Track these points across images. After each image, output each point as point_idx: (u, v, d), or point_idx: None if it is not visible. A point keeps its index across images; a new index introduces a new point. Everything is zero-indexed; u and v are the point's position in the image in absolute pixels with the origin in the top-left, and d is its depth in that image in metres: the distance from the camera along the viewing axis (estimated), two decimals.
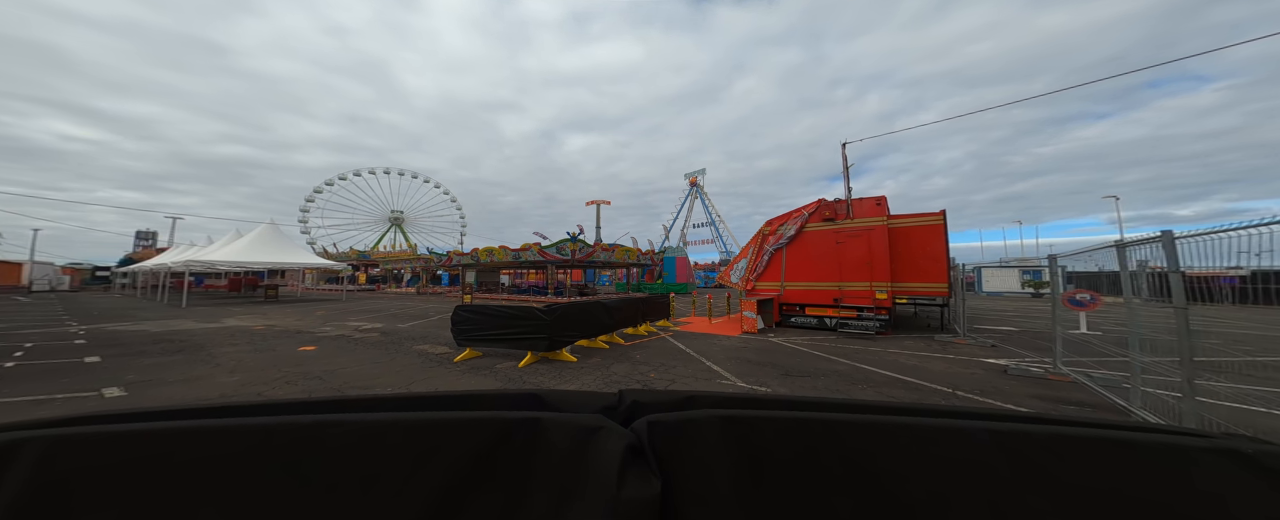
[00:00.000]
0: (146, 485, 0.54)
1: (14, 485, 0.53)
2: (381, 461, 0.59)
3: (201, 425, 0.59)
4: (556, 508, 0.59)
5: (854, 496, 0.60)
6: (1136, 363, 3.99)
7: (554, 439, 0.63)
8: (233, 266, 16.21)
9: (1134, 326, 4.10)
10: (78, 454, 0.56)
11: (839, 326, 10.43)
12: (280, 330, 9.96)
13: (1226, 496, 0.55)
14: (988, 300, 23.98)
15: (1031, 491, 0.57)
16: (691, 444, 0.63)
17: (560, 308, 6.55)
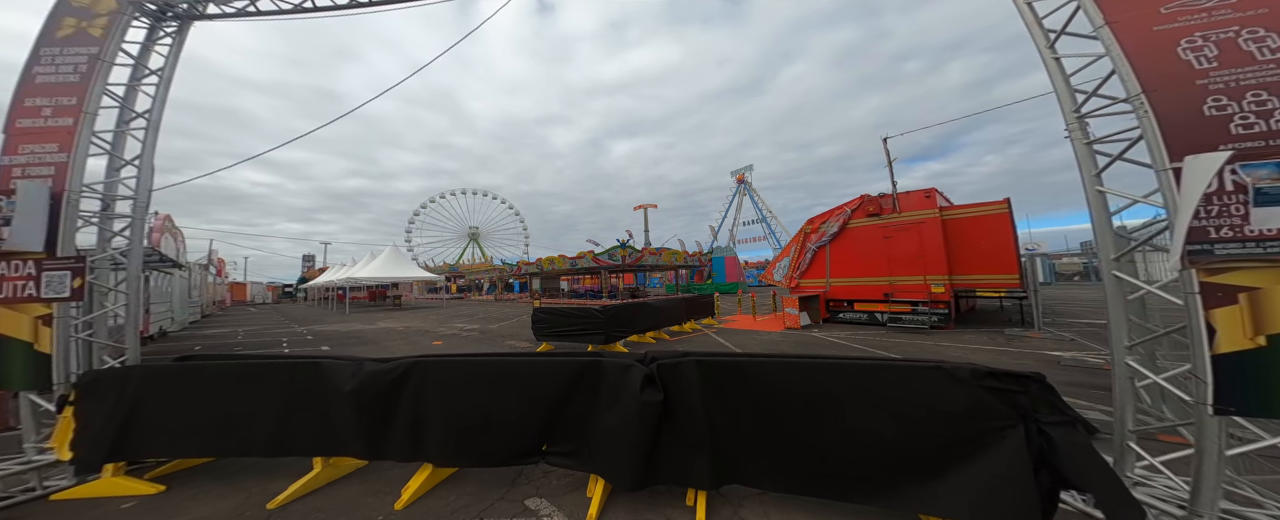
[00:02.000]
0: (462, 382, 2.13)
1: (414, 383, 2.09)
2: (543, 376, 2.11)
3: (473, 358, 2.04)
4: (611, 402, 2.06)
5: (755, 394, 1.89)
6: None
7: (609, 371, 2.14)
8: (371, 281, 20.86)
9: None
10: (433, 370, 2.12)
11: (890, 321, 10.28)
12: (415, 330, 12.93)
13: (934, 388, 1.82)
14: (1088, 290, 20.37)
15: (842, 388, 1.77)
16: (678, 374, 2.03)
17: (613, 308, 7.85)
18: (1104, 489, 1.70)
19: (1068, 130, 2.30)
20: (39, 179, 2.84)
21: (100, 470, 2.66)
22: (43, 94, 3.09)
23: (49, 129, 2.99)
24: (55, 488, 2.68)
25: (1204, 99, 1.84)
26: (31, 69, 3.14)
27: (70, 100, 3.07)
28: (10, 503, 2.54)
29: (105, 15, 3.36)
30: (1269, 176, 1.64)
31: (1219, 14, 1.93)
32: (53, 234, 2.78)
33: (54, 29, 3.28)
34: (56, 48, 3.22)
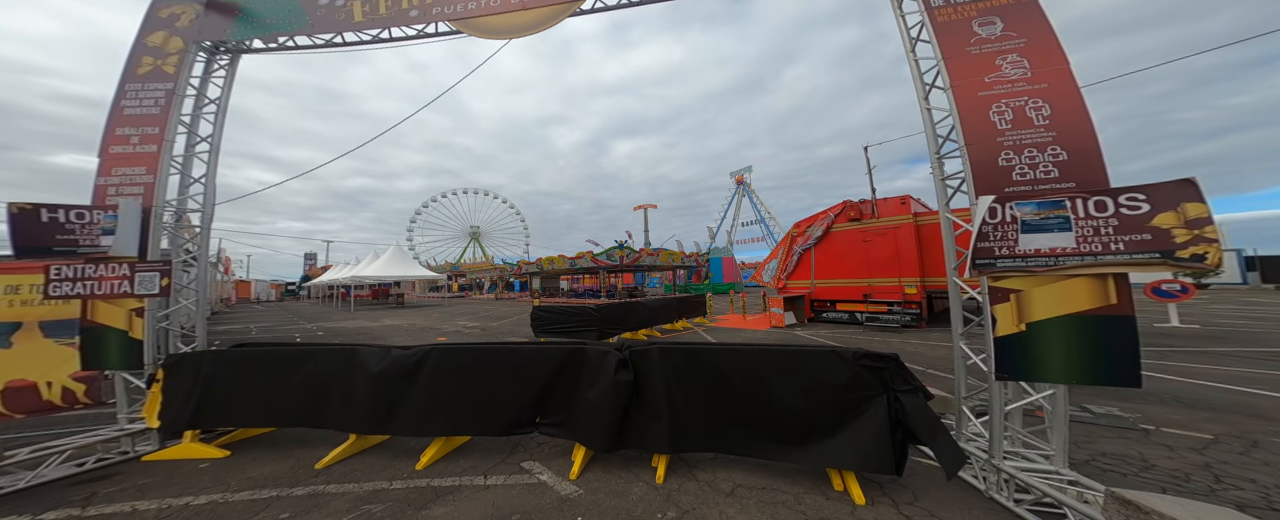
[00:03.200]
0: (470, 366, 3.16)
1: (431, 365, 3.13)
2: (530, 363, 3.14)
3: (479, 345, 3.08)
4: (591, 382, 3.00)
5: (705, 375, 2.93)
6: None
7: (590, 356, 3.06)
8: (375, 280, 21.65)
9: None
10: (446, 355, 3.19)
11: (867, 321, 10.88)
12: (419, 327, 13.62)
13: (829, 366, 2.70)
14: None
15: (768, 369, 2.82)
16: (646, 359, 2.97)
17: (607, 307, 8.54)
18: (938, 442, 2.36)
19: (931, 167, 2.98)
20: (131, 196, 3.57)
21: (181, 436, 3.38)
22: (130, 124, 3.82)
23: (137, 154, 3.72)
24: (143, 451, 3.40)
25: (999, 152, 2.52)
26: (119, 102, 3.87)
27: (153, 130, 3.81)
28: (109, 462, 3.25)
29: (175, 54, 4.10)
30: (1032, 212, 2.30)
31: (1018, 86, 2.61)
32: (144, 242, 3.50)
33: (135, 67, 4.01)
34: (138, 83, 3.95)
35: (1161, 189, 2.07)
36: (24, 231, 3.00)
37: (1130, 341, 2.08)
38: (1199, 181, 1.97)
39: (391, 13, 4.45)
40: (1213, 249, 1.87)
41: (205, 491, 2.79)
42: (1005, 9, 2.83)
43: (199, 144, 4.17)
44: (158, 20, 4.23)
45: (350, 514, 2.51)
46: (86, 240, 3.19)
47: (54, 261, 3.03)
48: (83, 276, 3.13)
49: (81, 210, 3.26)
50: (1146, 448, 3.24)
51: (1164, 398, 4.47)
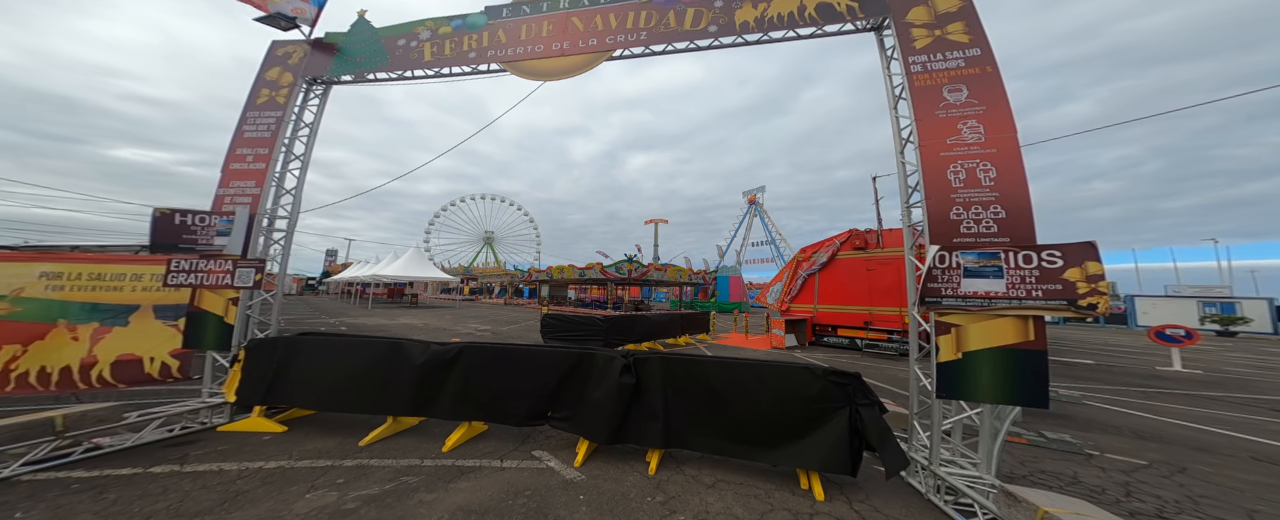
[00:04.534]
0: (496, 362, 3.64)
1: (463, 360, 3.74)
2: (547, 363, 3.75)
3: (505, 345, 3.74)
4: (598, 383, 3.57)
5: (698, 382, 3.44)
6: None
7: (598, 360, 3.64)
8: (394, 279, 22.67)
9: None
10: (476, 352, 3.64)
11: (866, 347, 11.12)
12: (433, 327, 14.31)
13: (802, 380, 3.19)
14: (1131, 336, 19.28)
15: (752, 379, 3.33)
16: (647, 365, 3.55)
17: (613, 318, 9.07)
18: (886, 448, 2.80)
19: (901, 215, 3.50)
20: (242, 205, 4.34)
21: (251, 411, 3.97)
22: (248, 145, 4.67)
23: (250, 170, 4.54)
24: (217, 423, 4.00)
25: (951, 208, 3.04)
26: (241, 127, 4.75)
27: (264, 150, 4.64)
28: (192, 430, 3.85)
29: (286, 87, 4.97)
30: (974, 260, 2.80)
31: (973, 149, 3.14)
32: (247, 243, 4.23)
33: (255, 98, 4.90)
34: (256, 111, 4.83)
35: (1072, 248, 2.56)
36: (161, 230, 3.77)
37: (1041, 371, 2.53)
38: (1097, 244, 2.46)
39: (454, 54, 5.23)
40: (1102, 300, 2.34)
41: (273, 459, 3.34)
42: (972, 78, 3.32)
43: (292, 162, 4.98)
44: (275, 58, 5.15)
45: (391, 483, 3.02)
46: (203, 240, 3.95)
47: (175, 256, 3.77)
48: (195, 269, 3.85)
49: (203, 214, 4.04)
50: (1083, 469, 3.59)
51: (1123, 430, 4.76)
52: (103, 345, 3.76)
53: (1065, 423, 5.00)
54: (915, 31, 3.51)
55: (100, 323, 3.78)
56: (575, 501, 2.79)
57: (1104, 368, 9.80)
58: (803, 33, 4.15)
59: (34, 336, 3.58)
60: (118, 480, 2.92)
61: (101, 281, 3.81)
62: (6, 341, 3.52)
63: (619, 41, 4.77)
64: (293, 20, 4.99)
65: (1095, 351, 12.87)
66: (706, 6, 4.44)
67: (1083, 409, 5.71)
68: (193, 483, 2.91)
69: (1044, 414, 5.39)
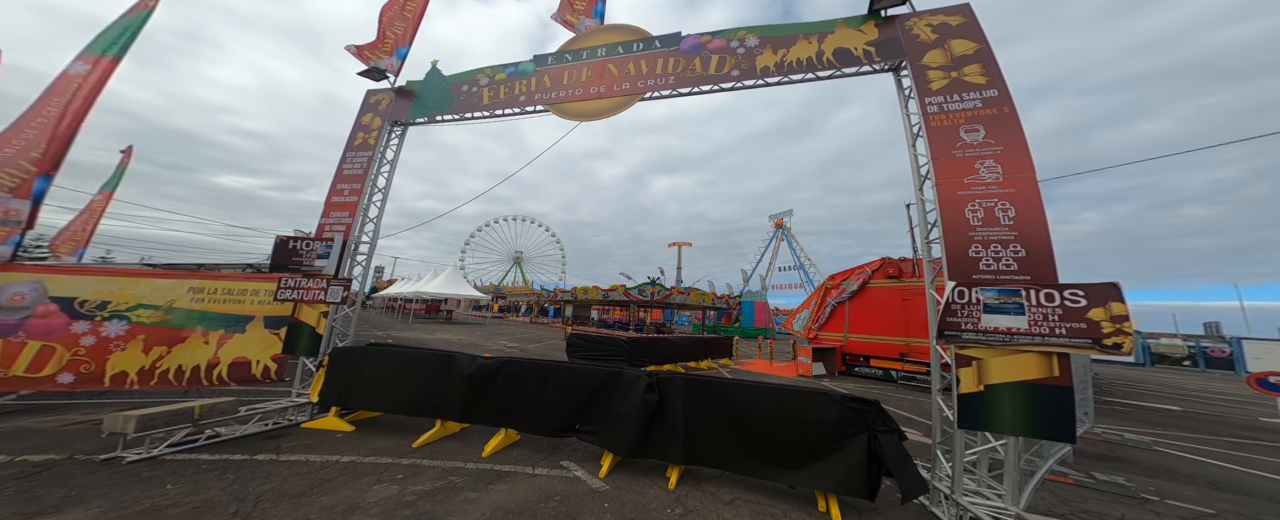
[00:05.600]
0: (533, 376, 4.03)
1: (505, 373, 4.27)
2: (578, 379, 4.15)
3: (541, 361, 4.30)
4: (623, 399, 3.88)
5: (719, 403, 3.67)
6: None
7: (625, 378, 3.97)
8: (433, 296, 24.37)
9: None
10: (517, 366, 4.34)
11: (901, 379, 10.59)
12: (467, 343, 15.16)
13: (821, 405, 3.38)
14: (1236, 384, 15.74)
15: (769, 403, 3.53)
16: (670, 385, 3.83)
17: (637, 340, 9.34)
18: (903, 473, 2.85)
19: (920, 251, 3.64)
20: (337, 233, 5.21)
21: (328, 411, 4.58)
22: (345, 181, 5.62)
23: (346, 203, 5.46)
24: (299, 420, 4.62)
25: (970, 245, 3.16)
26: (341, 166, 5.75)
27: (357, 185, 5.57)
28: (281, 426, 4.48)
29: (376, 130, 5.98)
30: (994, 297, 2.90)
31: (991, 189, 3.27)
32: (339, 264, 5.03)
33: (352, 140, 5.95)
34: (353, 152, 5.84)
35: (1096, 289, 2.62)
36: (278, 253, 4.67)
37: (1066, 406, 2.55)
38: (1120, 285, 2.52)
39: (507, 98, 6.00)
40: (1128, 340, 2.39)
41: (346, 454, 3.84)
42: (989, 119, 3.45)
43: (375, 194, 5.88)
44: (369, 105, 6.22)
45: (441, 481, 3.40)
46: (307, 261, 4.79)
47: (285, 275, 4.59)
48: (298, 286, 4.64)
49: (309, 240, 4.94)
50: (1135, 512, 3.37)
51: (1196, 479, 4.34)
52: (225, 349, 4.56)
53: (1126, 467, 4.62)
54: (931, 74, 3.75)
55: (226, 330, 4.60)
56: (601, 509, 3.02)
57: (1192, 415, 8.72)
58: (821, 74, 4.51)
59: (177, 340, 4.43)
60: (233, 464, 3.51)
61: (231, 296, 4.67)
62: (157, 343, 4.38)
63: (650, 85, 5.35)
64: (384, 72, 6.06)
65: (1187, 398, 11.42)
66: (729, 53, 4.92)
67: (1151, 455, 5.22)
68: (288, 470, 3.44)
69: (1100, 456, 4.99)
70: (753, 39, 4.81)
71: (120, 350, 4.26)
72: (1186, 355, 26.73)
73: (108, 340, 4.25)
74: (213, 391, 4.81)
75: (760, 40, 4.77)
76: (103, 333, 4.25)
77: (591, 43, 5.88)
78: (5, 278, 4.25)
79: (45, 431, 4.05)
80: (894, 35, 4.10)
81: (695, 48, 5.15)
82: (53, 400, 5.01)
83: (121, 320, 4.31)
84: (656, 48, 5.41)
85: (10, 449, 3.62)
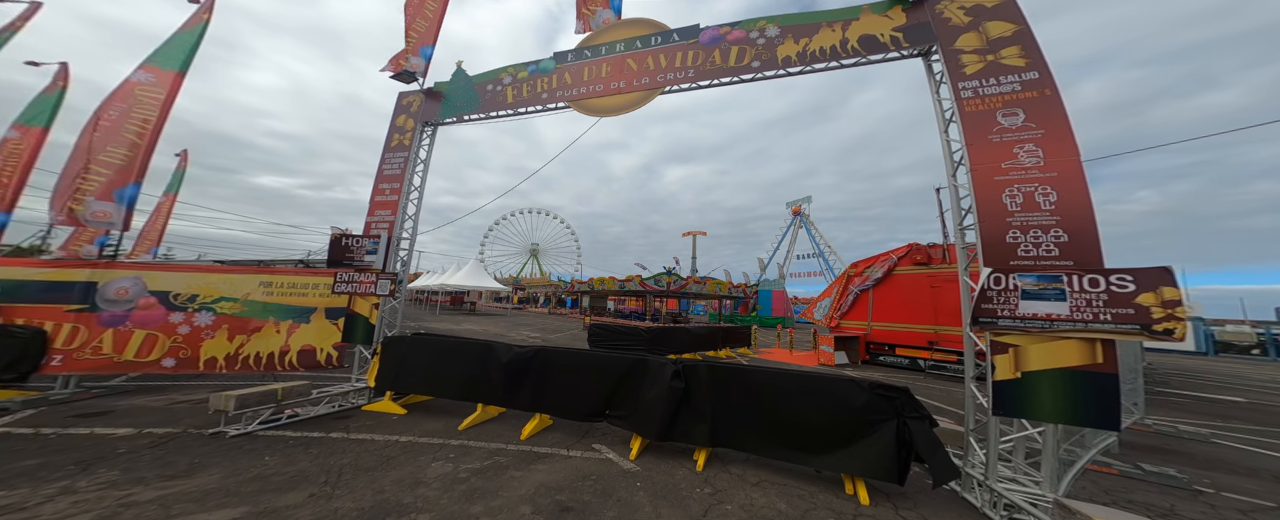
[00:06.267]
0: (564, 364, 4.52)
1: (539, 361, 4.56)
2: (607, 367, 4.31)
3: (572, 350, 4.54)
4: (651, 385, 4.02)
5: (744, 389, 3.78)
6: None
7: (651, 365, 4.12)
8: (456, 289, 25.46)
9: None
10: (549, 355, 4.50)
11: (930, 368, 10.35)
12: (492, 333, 15.82)
13: (847, 392, 3.42)
14: None
15: (795, 388, 3.61)
16: (695, 372, 3.97)
17: (656, 330, 9.52)
18: (935, 459, 2.89)
19: (954, 237, 3.58)
20: (382, 230, 5.61)
21: (383, 395, 5.02)
22: (386, 181, 6.02)
23: (388, 202, 5.85)
24: (359, 403, 5.08)
25: (1007, 231, 3.08)
26: (381, 168, 6.14)
27: (397, 185, 5.95)
28: (345, 408, 4.94)
29: (410, 130, 6.32)
30: (1033, 283, 2.84)
31: (1031, 173, 3.16)
32: (386, 259, 5.44)
33: (389, 142, 6.32)
34: (391, 153, 6.21)
35: (1145, 273, 2.53)
36: (333, 250, 5.15)
37: (1111, 393, 2.50)
38: (1173, 269, 2.43)
39: (530, 96, 6.16)
40: (1180, 325, 2.31)
41: (404, 434, 4.21)
42: (1029, 102, 3.30)
43: (412, 192, 6.23)
44: (402, 107, 6.55)
45: (488, 461, 3.69)
46: (357, 258, 5.21)
47: (340, 270, 5.05)
48: (352, 280, 5.08)
49: (358, 238, 5.39)
50: (1185, 503, 3.27)
51: (1259, 473, 4.15)
52: (293, 337, 5.07)
53: (1178, 459, 4.44)
54: (965, 58, 3.61)
55: (293, 320, 5.10)
56: (633, 487, 3.22)
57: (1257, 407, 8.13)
58: (846, 63, 4.40)
59: (254, 329, 4.97)
60: (313, 440, 3.95)
61: (294, 289, 5.16)
62: (238, 332, 4.94)
63: (669, 79, 5.36)
64: (414, 75, 6.35)
65: (1253, 389, 10.61)
66: (749, 44, 4.85)
67: (1207, 447, 4.97)
68: (359, 447, 3.84)
69: (1150, 448, 4.80)
70: (773, 29, 4.72)
71: (210, 338, 4.86)
72: (1255, 343, 24.16)
73: (199, 329, 4.84)
74: (285, 376, 5.35)
75: (781, 30, 4.68)
76: (195, 322, 4.85)
77: (610, 38, 5.91)
78: (108, 274, 4.89)
79: (158, 409, 4.67)
80: (923, 19, 3.95)
81: (714, 40, 5.10)
82: (157, 382, 5.70)
83: (209, 311, 4.90)
84: (675, 41, 5.39)
85: (137, 423, 4.21)
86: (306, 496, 2.85)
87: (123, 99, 5.58)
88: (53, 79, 7.83)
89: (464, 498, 2.91)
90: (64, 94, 7.75)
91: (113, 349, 4.73)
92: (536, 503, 2.88)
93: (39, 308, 4.72)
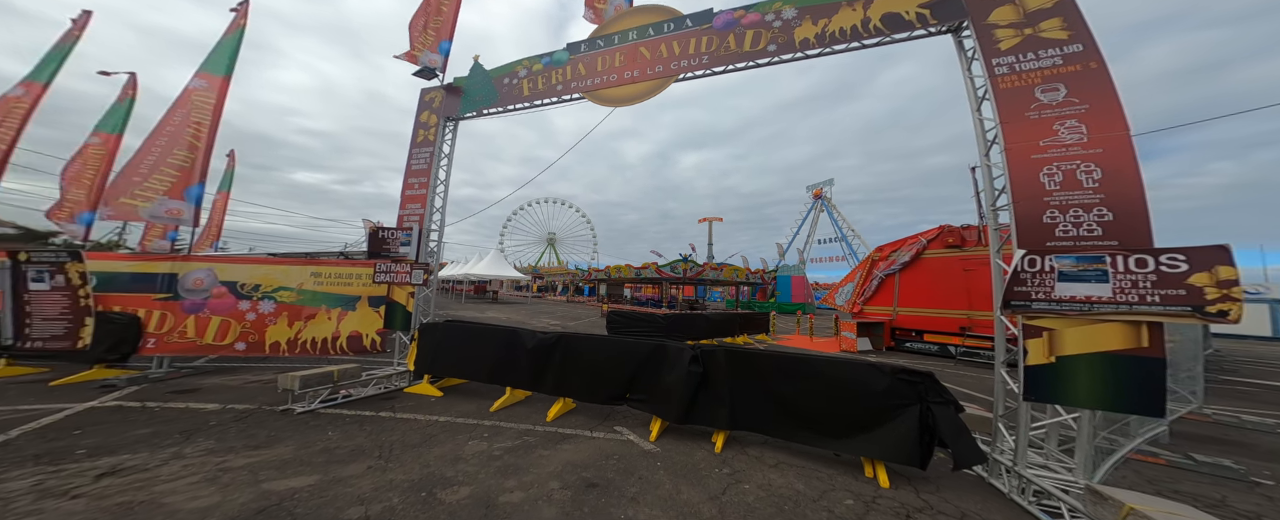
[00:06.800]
0: (586, 349, 4.59)
1: (561, 347, 4.80)
2: (627, 352, 4.46)
3: (593, 336, 4.70)
4: (670, 370, 4.12)
5: (762, 373, 3.83)
6: None
7: (670, 350, 4.21)
8: (479, 278, 26.52)
9: None
10: (571, 340, 4.64)
11: (961, 355, 9.98)
12: (514, 320, 16.35)
13: (868, 376, 3.41)
14: None
15: (813, 372, 3.64)
16: (713, 356, 4.07)
17: (673, 316, 9.64)
18: (959, 444, 2.87)
19: (986, 218, 3.42)
20: (413, 223, 5.93)
21: (421, 378, 5.41)
22: (414, 176, 6.30)
23: (417, 195, 6.15)
24: (401, 386, 5.50)
25: (1044, 211, 2.91)
26: (409, 163, 6.43)
27: (424, 179, 6.24)
28: (389, 390, 5.36)
29: (433, 126, 6.56)
30: (1071, 265, 2.70)
31: (1072, 150, 2.96)
32: (418, 250, 5.79)
33: (415, 137, 6.59)
34: (417, 148, 6.47)
35: (1200, 252, 2.36)
36: (372, 242, 5.56)
37: (1157, 378, 2.39)
38: (1231, 247, 2.26)
39: (546, 88, 6.20)
40: (1236, 307, 2.16)
41: (442, 415, 4.54)
42: (1071, 75, 3.06)
43: (438, 186, 6.51)
44: (424, 103, 6.76)
45: (518, 440, 3.93)
46: (394, 249, 5.61)
47: (379, 261, 5.45)
48: (390, 270, 5.47)
49: (392, 231, 5.77)
50: (1238, 494, 3.09)
51: None
52: (343, 324, 5.54)
53: (1237, 450, 4.16)
54: (999, 33, 3.36)
55: (342, 308, 5.57)
56: (654, 466, 3.37)
57: None
58: (868, 43, 4.18)
59: (309, 316, 5.48)
60: (366, 419, 4.35)
61: (340, 279, 5.61)
62: (296, 319, 5.46)
63: (683, 67, 5.26)
64: (434, 71, 6.53)
65: None
66: (765, 27, 4.68)
67: (1273, 438, 4.62)
68: (405, 426, 4.19)
69: (1207, 438, 4.52)
70: (790, 10, 4.53)
71: (273, 324, 5.41)
72: None
73: (263, 316, 5.41)
74: (337, 359, 5.87)
75: (798, 11, 4.48)
76: (259, 310, 5.41)
77: (622, 26, 5.84)
78: (185, 266, 5.52)
79: (235, 388, 5.27)
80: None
81: (728, 24, 4.95)
82: (230, 364, 6.40)
83: (270, 300, 5.45)
84: (688, 27, 5.27)
85: (221, 400, 4.80)
86: (365, 468, 3.17)
87: (183, 105, 6.11)
88: (122, 89, 8.61)
89: (499, 473, 3.15)
90: (133, 103, 8.49)
91: (195, 333, 5.37)
92: (564, 479, 3.08)
93: (130, 296, 5.42)
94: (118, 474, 2.96)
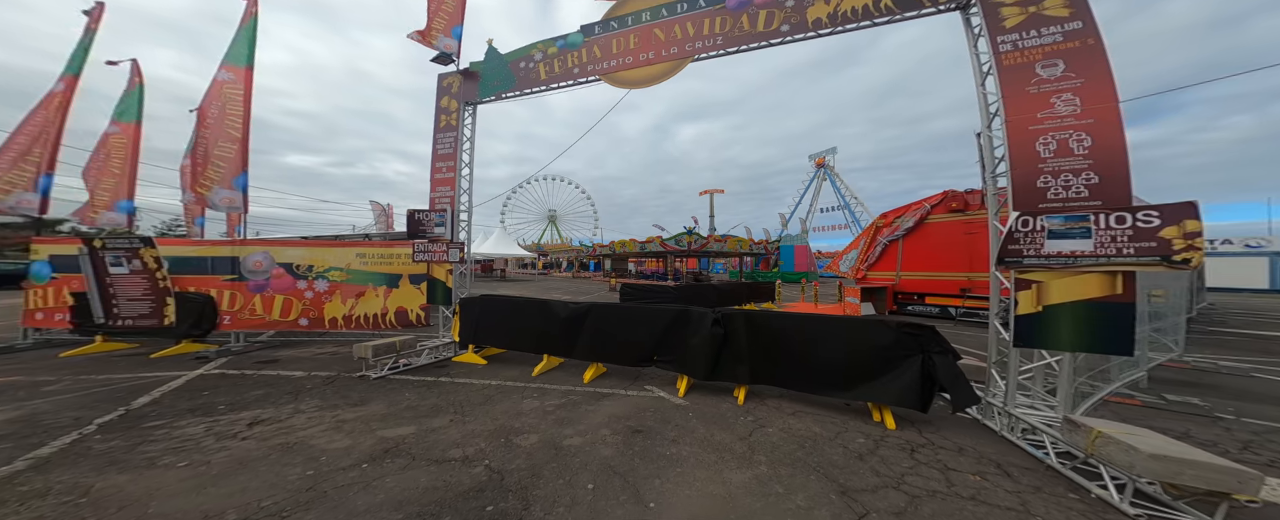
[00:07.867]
0: (615, 318, 5.30)
1: (592, 316, 5.22)
2: (653, 318, 4.90)
3: (621, 305, 5.39)
4: (693, 333, 4.57)
5: (777, 333, 4.28)
6: None
7: (693, 315, 4.64)
8: (485, 257, 27.09)
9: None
10: (600, 309, 5.18)
11: (961, 316, 10.47)
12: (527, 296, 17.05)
13: (875, 331, 3.83)
14: None
15: (824, 330, 4.11)
16: (732, 319, 4.51)
17: (683, 287, 10.11)
18: (956, 388, 3.34)
19: (986, 185, 3.72)
20: (445, 205, 6.28)
21: (466, 348, 5.97)
22: (441, 160, 6.56)
23: (446, 179, 6.45)
24: (449, 355, 6.06)
25: (1038, 176, 3.21)
26: (435, 147, 6.67)
27: (451, 163, 6.51)
28: (440, 359, 5.90)
29: (454, 111, 6.74)
30: (1060, 224, 3.04)
31: (1066, 121, 3.20)
32: (452, 230, 6.18)
33: (438, 123, 6.78)
34: (441, 133, 6.69)
35: (1171, 208, 2.69)
36: (410, 224, 6.04)
37: (1127, 321, 2.80)
38: (1198, 203, 2.59)
39: (562, 71, 6.28)
40: (1197, 255, 2.53)
41: (492, 380, 5.05)
42: (1069, 52, 3.23)
43: (463, 169, 6.76)
44: (443, 89, 6.88)
45: (564, 399, 4.43)
46: (429, 230, 6.05)
47: (417, 241, 5.90)
48: (427, 250, 5.94)
49: (427, 212, 6.16)
50: (1201, 428, 3.58)
51: None
52: (390, 299, 6.11)
53: (1208, 391, 4.66)
54: (1005, 10, 3.49)
55: (387, 286, 6.09)
56: (687, 416, 3.85)
57: None
58: (879, 21, 4.28)
59: (359, 294, 6.04)
60: (429, 384, 4.89)
61: (383, 259, 6.12)
62: (348, 296, 6.02)
63: (697, 48, 5.35)
64: (450, 56, 6.62)
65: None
66: (778, 7, 4.75)
67: (1244, 381, 5.12)
68: (464, 390, 4.72)
69: (1183, 382, 5.00)
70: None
71: (329, 301, 6.00)
72: None
73: (320, 294, 5.99)
74: (388, 332, 6.46)
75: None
76: (315, 288, 5.97)
77: (636, 6, 5.85)
78: (243, 250, 6.05)
79: (308, 358, 5.88)
80: None
81: (742, 4, 5.00)
82: (293, 338, 6.92)
83: (324, 279, 5.98)
84: (702, 7, 5.31)
85: (302, 368, 5.40)
86: (448, 421, 3.71)
87: (216, 98, 6.36)
88: (129, 77, 8.59)
89: (557, 424, 3.66)
90: (143, 89, 8.51)
91: (263, 310, 5.97)
92: (612, 427, 3.58)
93: (200, 278, 6.00)
94: (262, 424, 3.55)
